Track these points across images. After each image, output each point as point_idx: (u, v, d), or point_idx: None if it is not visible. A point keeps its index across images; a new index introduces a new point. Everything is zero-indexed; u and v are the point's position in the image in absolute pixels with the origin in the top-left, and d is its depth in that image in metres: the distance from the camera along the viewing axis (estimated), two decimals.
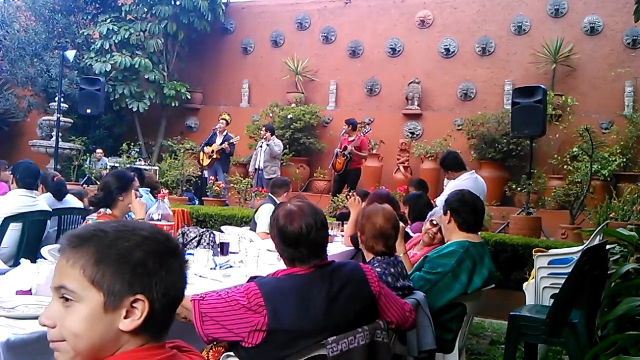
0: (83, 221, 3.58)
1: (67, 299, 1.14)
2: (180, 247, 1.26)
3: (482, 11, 12.03)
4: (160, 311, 1.16)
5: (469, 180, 5.52)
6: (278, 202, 5.53)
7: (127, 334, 1.15)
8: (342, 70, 13.02)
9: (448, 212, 3.46)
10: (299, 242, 2.19)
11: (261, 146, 10.14)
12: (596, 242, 4.63)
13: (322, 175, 11.81)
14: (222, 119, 11.08)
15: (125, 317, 1.14)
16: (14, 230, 4.43)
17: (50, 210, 4.82)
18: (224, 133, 10.79)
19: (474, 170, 6.15)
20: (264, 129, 10.30)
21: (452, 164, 5.83)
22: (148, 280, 1.15)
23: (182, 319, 2.20)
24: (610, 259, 4.22)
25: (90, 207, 3.72)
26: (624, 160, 9.86)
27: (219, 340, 2.20)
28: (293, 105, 12.53)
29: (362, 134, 10.00)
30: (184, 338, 2.47)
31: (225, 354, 2.24)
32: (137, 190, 3.69)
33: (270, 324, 2.04)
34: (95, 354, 1.14)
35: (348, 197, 5.65)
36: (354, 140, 9.79)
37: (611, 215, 7.35)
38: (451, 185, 5.52)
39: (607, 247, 4.12)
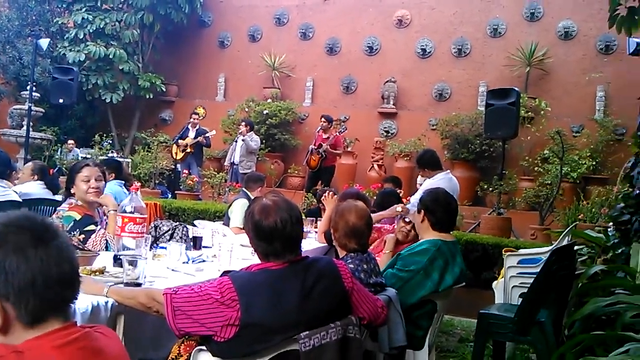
0: (54, 212, 3.53)
1: None
2: (22, 236, 1.20)
3: (459, 13, 12.12)
4: (20, 304, 1.17)
5: (443, 180, 5.54)
6: (252, 197, 5.52)
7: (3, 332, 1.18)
8: (319, 67, 13.02)
9: (422, 210, 3.48)
10: (274, 236, 2.19)
11: (236, 141, 10.10)
12: (565, 243, 4.72)
13: (296, 172, 11.80)
14: (195, 112, 11.03)
15: None
16: None
17: (21, 200, 4.75)
18: (197, 127, 10.73)
19: (449, 170, 6.19)
20: (243, 123, 10.24)
21: (429, 163, 5.84)
22: None
23: (155, 312, 2.19)
24: (578, 260, 4.29)
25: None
26: (594, 163, 10.04)
27: (191, 334, 2.19)
28: (269, 100, 12.49)
29: (337, 133, 10.01)
30: (158, 332, 2.48)
31: (196, 348, 2.23)
32: (106, 183, 3.66)
33: (243, 318, 2.04)
34: None
35: (322, 192, 5.63)
36: (328, 137, 9.80)
37: (580, 217, 7.50)
38: (426, 184, 5.54)
39: (575, 248, 4.19)
